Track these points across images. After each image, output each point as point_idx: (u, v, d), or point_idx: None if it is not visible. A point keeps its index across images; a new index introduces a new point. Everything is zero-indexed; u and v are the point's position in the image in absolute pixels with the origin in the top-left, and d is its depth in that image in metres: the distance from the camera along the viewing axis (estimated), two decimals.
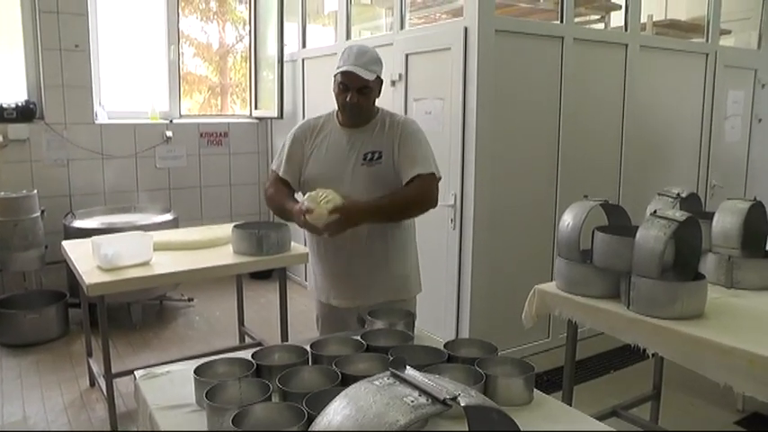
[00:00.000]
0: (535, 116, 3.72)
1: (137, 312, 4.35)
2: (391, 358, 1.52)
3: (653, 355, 2.09)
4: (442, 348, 1.63)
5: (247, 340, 3.95)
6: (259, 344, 3.75)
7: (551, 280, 2.47)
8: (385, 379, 0.76)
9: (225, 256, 3.13)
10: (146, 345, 4.12)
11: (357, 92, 2.20)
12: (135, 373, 1.59)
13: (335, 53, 4.71)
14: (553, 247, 3.86)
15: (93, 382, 3.49)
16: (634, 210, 2.55)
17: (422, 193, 2.26)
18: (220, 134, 5.49)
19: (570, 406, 1.78)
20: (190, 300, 4.85)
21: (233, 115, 5.90)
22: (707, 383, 1.96)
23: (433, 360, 1.56)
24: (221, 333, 4.29)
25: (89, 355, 3.52)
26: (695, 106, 4.68)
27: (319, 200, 2.05)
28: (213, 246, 3.26)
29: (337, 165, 2.29)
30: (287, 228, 3.29)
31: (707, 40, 4.69)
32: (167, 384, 1.54)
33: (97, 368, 3.31)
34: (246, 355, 1.69)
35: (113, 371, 2.97)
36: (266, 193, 2.44)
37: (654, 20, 4.58)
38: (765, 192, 5.45)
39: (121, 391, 3.26)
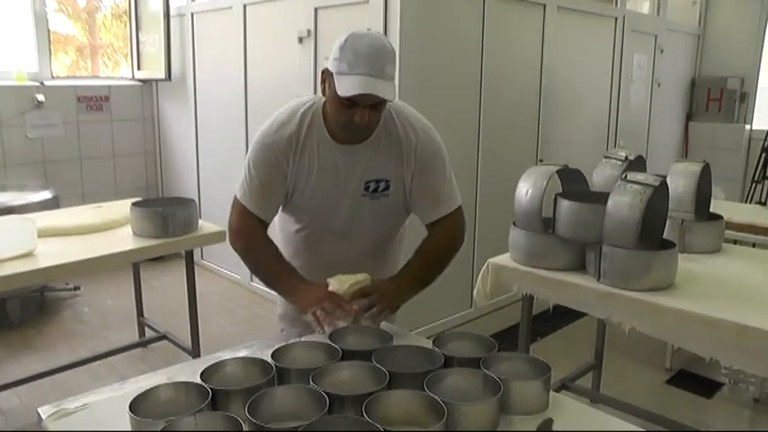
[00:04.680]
0: (457, 77, 3.55)
1: (14, 309, 3.71)
2: (375, 363, 1.24)
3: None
4: (432, 347, 1.36)
5: (149, 333, 3.48)
6: (164, 337, 3.33)
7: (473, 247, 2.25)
8: None
9: (124, 240, 2.67)
10: (27, 346, 3.52)
11: (370, 108, 1.56)
12: (39, 411, 1.18)
13: (230, 6, 4.28)
14: (475, 212, 3.73)
15: None
16: None
17: (454, 240, 1.81)
18: (101, 98, 4.82)
19: None
20: (75, 288, 4.25)
21: (114, 77, 5.22)
22: (636, 344, 1.88)
23: (427, 364, 1.28)
24: (116, 326, 3.77)
25: None
26: (606, 70, 4.72)
27: (346, 285, 1.61)
28: (108, 228, 2.78)
29: (331, 195, 1.73)
30: (193, 204, 2.92)
31: (616, 4, 4.74)
32: (88, 424, 1.15)
33: None
34: (188, 372, 1.34)
35: None
36: (238, 236, 1.75)
37: None
38: (662, 153, 5.67)
39: (2, 407, 2.73)
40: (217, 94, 4.54)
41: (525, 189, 2.18)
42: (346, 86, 1.50)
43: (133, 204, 2.76)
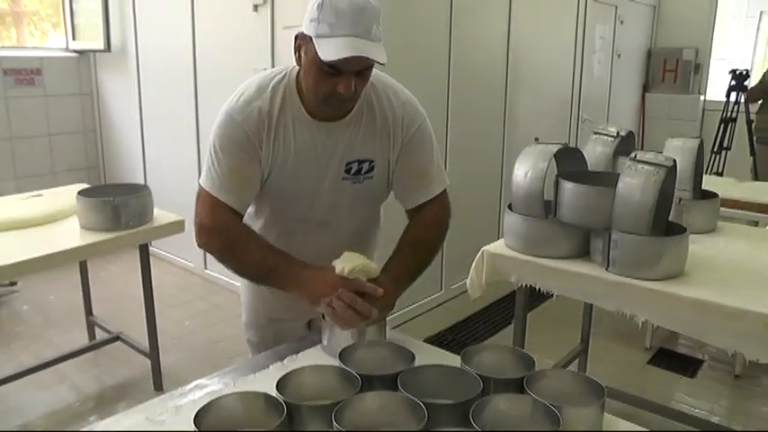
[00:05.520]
0: (425, 51, 3.41)
1: None
2: (404, 392, 1.04)
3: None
4: (463, 366, 1.17)
5: (99, 333, 3.17)
6: (117, 338, 3.03)
7: None
8: None
9: (70, 234, 2.40)
10: None
11: (356, 75, 1.33)
12: None
13: None
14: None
15: None
16: (520, 146, 2.19)
17: (442, 226, 1.59)
18: (32, 71, 4.36)
19: None
20: (12, 284, 3.86)
21: (46, 48, 4.75)
22: (616, 323, 1.78)
23: (463, 388, 1.10)
24: (61, 325, 3.43)
25: None
26: (570, 40, 4.63)
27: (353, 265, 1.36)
28: (52, 221, 2.48)
29: (309, 180, 1.49)
30: (148, 191, 2.64)
31: None
32: None
33: None
34: (169, 409, 1.11)
35: None
36: (212, 235, 1.45)
37: None
38: (621, 125, 5.63)
39: None
40: (162, 67, 4.18)
41: (524, 171, 2.00)
42: (330, 50, 1.27)
43: (79, 193, 2.46)
